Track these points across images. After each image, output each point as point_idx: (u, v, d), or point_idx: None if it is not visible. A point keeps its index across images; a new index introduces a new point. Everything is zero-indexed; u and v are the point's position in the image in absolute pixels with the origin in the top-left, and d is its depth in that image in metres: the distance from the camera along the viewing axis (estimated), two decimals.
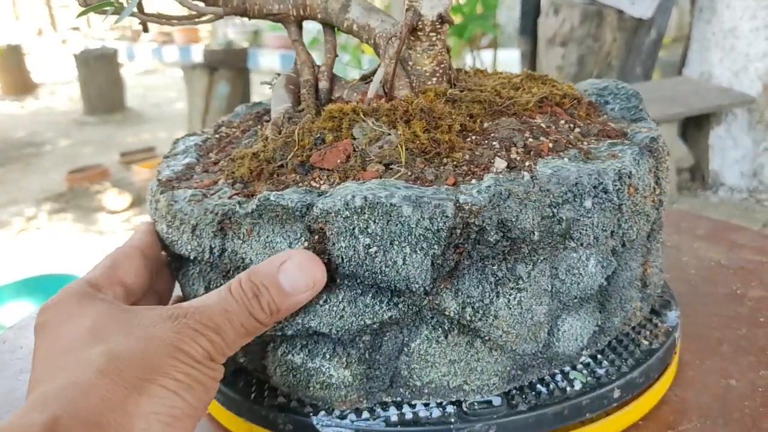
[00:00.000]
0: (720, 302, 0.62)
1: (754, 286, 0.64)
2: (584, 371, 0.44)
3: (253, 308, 0.36)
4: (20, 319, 0.67)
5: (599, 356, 0.46)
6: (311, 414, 0.42)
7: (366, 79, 0.54)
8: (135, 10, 0.48)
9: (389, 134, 0.42)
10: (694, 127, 2.72)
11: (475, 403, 0.41)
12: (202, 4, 0.49)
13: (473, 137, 0.43)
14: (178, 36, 8.26)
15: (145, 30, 0.54)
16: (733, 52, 2.61)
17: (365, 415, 0.41)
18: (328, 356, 0.40)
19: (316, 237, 0.37)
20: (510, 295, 0.38)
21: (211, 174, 0.47)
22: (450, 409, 0.41)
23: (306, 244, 0.37)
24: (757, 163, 2.66)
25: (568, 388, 0.43)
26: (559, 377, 0.44)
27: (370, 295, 0.38)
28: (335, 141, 0.42)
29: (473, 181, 0.39)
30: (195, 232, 0.41)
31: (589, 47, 2.64)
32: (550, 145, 0.43)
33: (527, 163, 0.41)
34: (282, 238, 0.38)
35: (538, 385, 0.43)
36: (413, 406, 0.42)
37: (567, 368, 0.44)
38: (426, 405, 0.42)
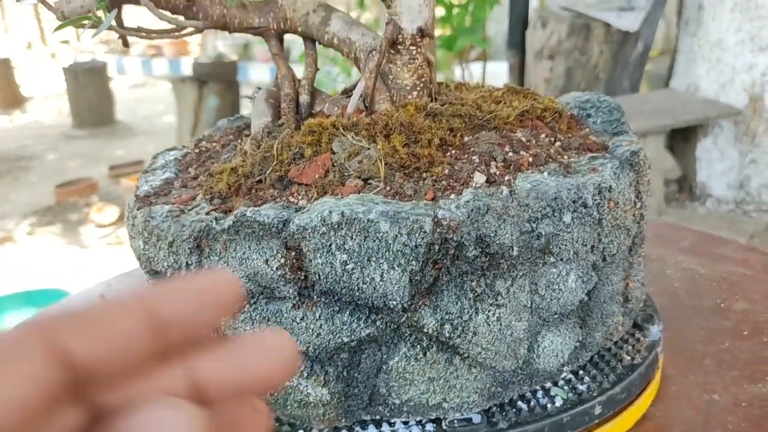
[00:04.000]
0: (704, 315, 0.61)
1: (738, 299, 0.64)
2: (565, 387, 0.44)
3: None
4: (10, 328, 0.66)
5: (581, 372, 0.45)
6: None
7: (347, 92, 0.53)
8: (114, 23, 0.47)
9: (369, 149, 0.42)
10: (681, 139, 2.74)
11: (455, 421, 0.41)
12: (182, 18, 0.49)
13: (453, 151, 0.43)
14: (167, 49, 8.24)
15: (125, 44, 0.53)
16: (720, 64, 2.63)
17: None
18: (305, 374, 0.39)
19: (293, 253, 0.37)
20: (489, 311, 0.38)
21: (189, 189, 0.46)
22: (429, 427, 0.41)
23: (282, 260, 0.37)
24: (744, 174, 2.67)
25: (548, 405, 0.42)
26: (540, 394, 0.43)
27: (348, 312, 0.37)
28: (314, 155, 0.42)
29: (452, 195, 0.38)
30: (172, 248, 0.40)
31: (576, 60, 2.66)
32: (530, 159, 0.42)
33: (507, 178, 0.40)
34: (258, 254, 0.37)
35: (519, 402, 0.42)
36: (392, 425, 0.41)
37: (548, 384, 0.44)
38: (405, 423, 0.41)
